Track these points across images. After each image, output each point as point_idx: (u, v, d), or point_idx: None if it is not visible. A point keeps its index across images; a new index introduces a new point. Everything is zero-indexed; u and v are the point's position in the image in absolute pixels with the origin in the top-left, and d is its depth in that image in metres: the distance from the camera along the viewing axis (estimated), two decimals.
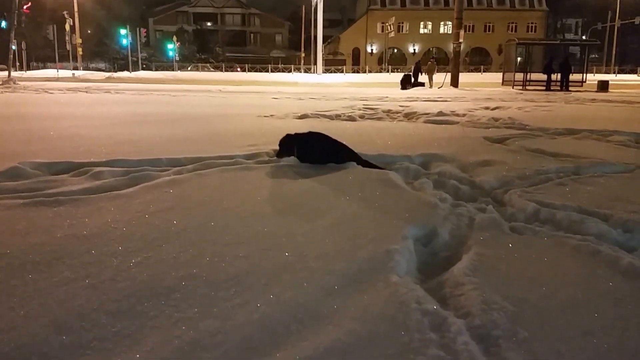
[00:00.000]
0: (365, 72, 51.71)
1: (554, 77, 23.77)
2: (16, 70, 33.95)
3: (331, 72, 48.52)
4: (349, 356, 1.42)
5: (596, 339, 1.54)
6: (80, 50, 45.22)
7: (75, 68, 43.96)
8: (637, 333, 1.58)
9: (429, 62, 27.10)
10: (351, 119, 8.17)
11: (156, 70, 47.75)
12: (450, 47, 28.32)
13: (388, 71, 50.76)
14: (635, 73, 48.04)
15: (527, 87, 24.31)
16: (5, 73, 26.92)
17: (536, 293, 1.83)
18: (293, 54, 63.76)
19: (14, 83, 21.80)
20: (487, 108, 10.60)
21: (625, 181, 3.67)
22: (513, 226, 2.61)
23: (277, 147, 4.06)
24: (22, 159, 3.82)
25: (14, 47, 29.34)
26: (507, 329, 1.56)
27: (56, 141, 5.05)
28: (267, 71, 50.51)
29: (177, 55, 53.98)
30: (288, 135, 4.07)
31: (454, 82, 24.07)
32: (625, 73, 49.68)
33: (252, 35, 74.49)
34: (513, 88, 23.97)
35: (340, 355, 1.43)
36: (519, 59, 26.73)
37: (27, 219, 2.56)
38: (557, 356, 1.44)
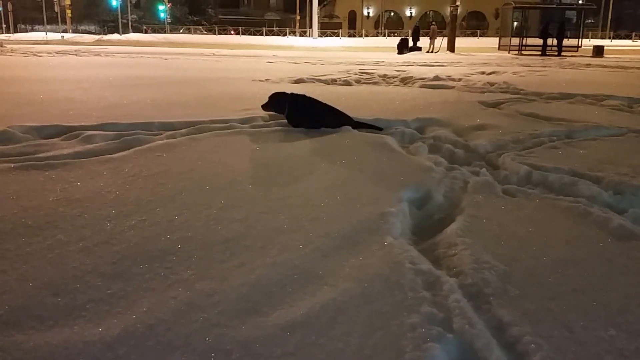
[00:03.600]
0: (361, 36, 50.89)
1: (549, 42, 23.55)
2: (2, 33, 33.21)
3: (327, 35, 47.67)
4: (344, 315, 1.44)
5: (585, 296, 1.57)
6: (69, 12, 44.20)
7: (65, 31, 43.03)
8: (625, 291, 1.61)
9: (432, 26, 26.66)
10: (347, 83, 8.09)
11: (147, 32, 46.78)
12: (447, 10, 27.89)
13: (384, 35, 49.98)
14: (630, 38, 47.51)
15: (523, 52, 24.10)
16: None
17: (527, 253, 1.86)
18: (288, 16, 62.44)
19: (1, 46, 21.34)
20: (483, 73, 10.54)
21: (618, 144, 3.70)
22: (506, 189, 2.63)
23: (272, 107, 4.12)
24: (11, 123, 3.77)
25: None
26: (498, 287, 1.59)
27: (46, 104, 4.98)
28: (262, 34, 49.58)
29: (168, 17, 52.77)
30: (281, 93, 4.15)
31: (451, 47, 23.81)
32: (621, 38, 49.11)
33: None
34: (509, 53, 23.75)
35: (335, 313, 1.45)
36: (515, 23, 26.40)
37: (19, 183, 2.54)
38: (547, 313, 1.47)
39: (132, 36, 38.84)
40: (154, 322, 1.40)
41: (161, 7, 53.30)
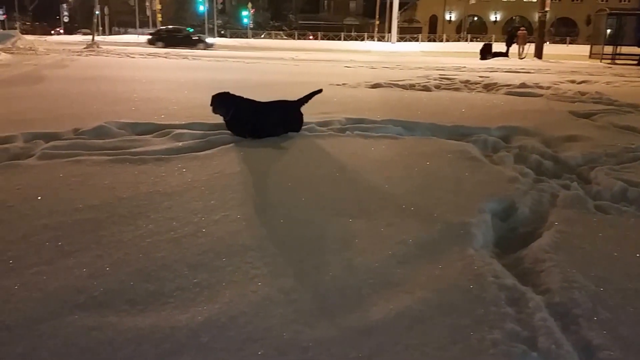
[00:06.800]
0: (442, 40, 49.94)
1: None
2: (99, 35, 35.57)
3: (406, 40, 47.17)
4: (421, 324, 1.42)
5: None
6: (159, 17, 46.72)
7: None
8: None
9: (520, 32, 25.68)
10: (426, 88, 7.93)
11: (231, 37, 48.50)
12: (535, 16, 26.78)
13: (467, 40, 48.75)
14: None
15: (617, 61, 22.60)
16: (89, 37, 28.37)
17: (621, 274, 1.75)
18: (367, 21, 62.33)
19: (97, 47, 22.90)
20: (573, 81, 9.97)
21: None
22: (598, 204, 2.48)
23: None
24: (108, 119, 4.03)
25: (97, 12, 30.82)
26: (588, 308, 1.50)
27: (139, 103, 5.29)
28: (340, 39, 49.94)
29: (251, 22, 54.42)
30: (225, 94, 3.74)
31: (538, 53, 22.80)
32: None
33: (325, 1, 73.48)
34: (601, 61, 22.35)
35: (412, 322, 1.43)
36: (608, 30, 24.77)
37: (114, 175, 2.72)
38: None
39: (217, 40, 40.33)
40: (235, 313, 1.45)
41: (245, 13, 55.07)
